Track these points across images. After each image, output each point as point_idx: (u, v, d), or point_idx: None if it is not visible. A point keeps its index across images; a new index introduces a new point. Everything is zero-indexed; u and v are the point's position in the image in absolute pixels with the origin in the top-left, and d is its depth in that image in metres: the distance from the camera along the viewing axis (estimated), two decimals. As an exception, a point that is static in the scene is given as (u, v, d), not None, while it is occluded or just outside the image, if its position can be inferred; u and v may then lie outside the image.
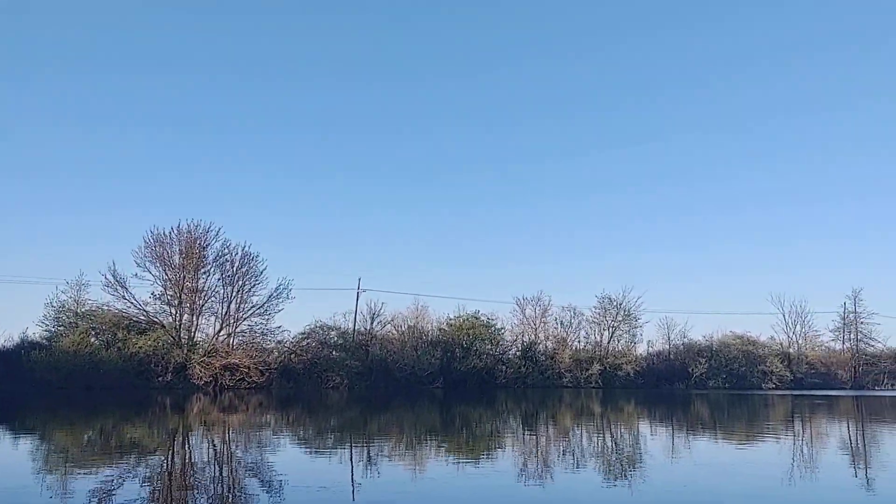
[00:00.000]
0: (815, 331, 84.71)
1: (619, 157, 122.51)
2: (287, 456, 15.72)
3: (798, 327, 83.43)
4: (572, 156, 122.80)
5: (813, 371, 78.46)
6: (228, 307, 50.96)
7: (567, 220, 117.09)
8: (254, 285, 51.58)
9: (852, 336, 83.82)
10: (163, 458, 15.07)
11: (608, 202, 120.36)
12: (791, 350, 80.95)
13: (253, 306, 51.48)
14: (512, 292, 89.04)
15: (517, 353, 67.11)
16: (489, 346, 64.52)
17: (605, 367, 66.81)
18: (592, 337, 71.42)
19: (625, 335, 71.38)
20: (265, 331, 52.14)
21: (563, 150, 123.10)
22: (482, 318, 65.32)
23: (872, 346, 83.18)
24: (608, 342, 70.82)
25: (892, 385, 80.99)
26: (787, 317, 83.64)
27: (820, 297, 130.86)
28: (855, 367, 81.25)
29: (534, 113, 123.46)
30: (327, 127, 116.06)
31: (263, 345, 51.78)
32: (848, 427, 25.99)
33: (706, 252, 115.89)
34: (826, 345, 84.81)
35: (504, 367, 64.49)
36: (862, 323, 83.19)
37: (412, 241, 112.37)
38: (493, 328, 65.45)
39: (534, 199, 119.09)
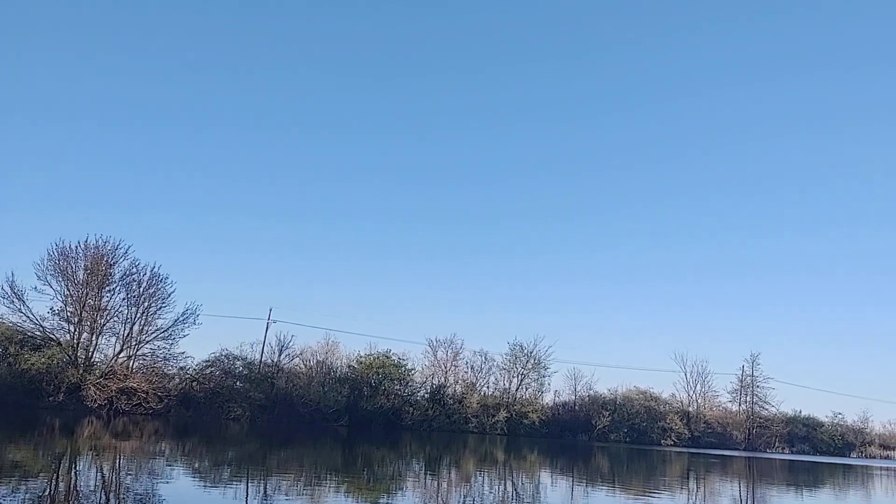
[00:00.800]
0: (714, 391, 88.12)
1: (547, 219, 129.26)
2: (179, 487, 15.12)
3: (698, 386, 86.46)
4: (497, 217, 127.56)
5: (710, 430, 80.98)
6: (131, 329, 49.16)
7: (484, 274, 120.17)
8: (160, 308, 50.01)
9: (748, 398, 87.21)
10: (46, 482, 14.28)
11: (531, 259, 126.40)
12: (690, 409, 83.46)
13: (157, 329, 49.82)
14: (425, 333, 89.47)
15: (426, 395, 66.75)
16: (398, 387, 63.92)
17: (512, 415, 67.16)
18: (501, 383, 71.93)
19: (533, 383, 72.20)
20: (168, 355, 50.37)
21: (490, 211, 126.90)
22: (393, 357, 64.82)
23: (766, 409, 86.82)
24: (516, 389, 71.39)
25: (783, 448, 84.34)
26: (688, 375, 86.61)
27: (720, 359, 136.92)
28: (749, 429, 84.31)
29: (462, 174, 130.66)
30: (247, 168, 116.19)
31: (165, 370, 49.98)
32: (739, 487, 26.82)
33: (616, 310, 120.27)
34: (723, 405, 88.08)
35: (411, 409, 63.88)
36: (758, 387, 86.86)
37: (326, 278, 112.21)
38: (403, 368, 64.95)
39: (450, 253, 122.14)
